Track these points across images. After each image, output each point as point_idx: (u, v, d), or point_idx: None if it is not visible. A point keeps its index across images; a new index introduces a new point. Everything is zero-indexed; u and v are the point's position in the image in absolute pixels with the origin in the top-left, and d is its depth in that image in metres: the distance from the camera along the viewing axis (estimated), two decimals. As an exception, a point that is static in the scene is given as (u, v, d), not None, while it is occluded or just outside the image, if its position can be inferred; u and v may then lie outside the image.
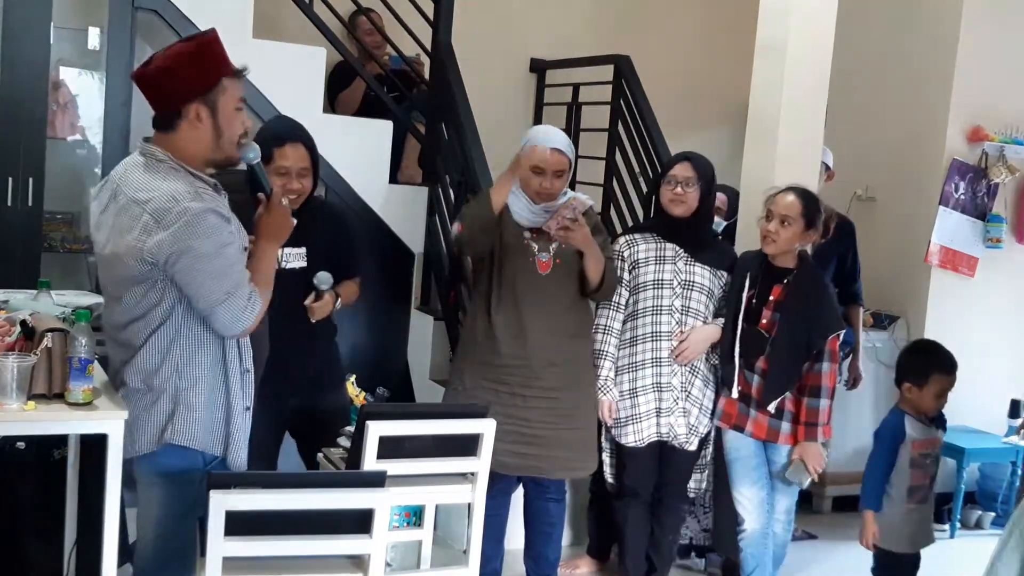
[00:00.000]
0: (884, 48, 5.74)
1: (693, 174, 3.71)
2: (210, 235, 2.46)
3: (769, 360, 3.65)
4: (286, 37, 4.76)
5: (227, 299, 2.49)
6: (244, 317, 2.53)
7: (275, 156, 3.24)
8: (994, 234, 5.53)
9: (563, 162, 3.51)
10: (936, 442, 3.73)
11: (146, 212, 2.45)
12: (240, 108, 2.58)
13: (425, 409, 3.55)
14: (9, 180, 4.03)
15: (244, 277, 2.56)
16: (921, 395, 3.65)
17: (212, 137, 2.54)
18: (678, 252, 3.76)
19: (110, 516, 2.54)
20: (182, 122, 2.51)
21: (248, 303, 2.53)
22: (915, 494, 3.64)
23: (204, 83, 2.51)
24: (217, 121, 2.53)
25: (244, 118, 2.61)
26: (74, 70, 4.33)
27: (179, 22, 4.22)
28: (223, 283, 2.49)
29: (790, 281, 3.69)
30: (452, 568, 3.03)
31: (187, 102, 2.50)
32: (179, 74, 2.50)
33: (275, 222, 2.67)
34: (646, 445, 3.74)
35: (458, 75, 4.88)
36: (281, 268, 3.18)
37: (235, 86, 2.56)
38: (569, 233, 3.44)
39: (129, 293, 2.52)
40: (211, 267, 2.46)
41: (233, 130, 2.57)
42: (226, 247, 2.50)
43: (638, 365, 3.74)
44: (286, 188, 3.21)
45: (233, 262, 2.53)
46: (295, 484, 2.55)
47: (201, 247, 2.44)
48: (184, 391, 2.56)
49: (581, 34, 6.16)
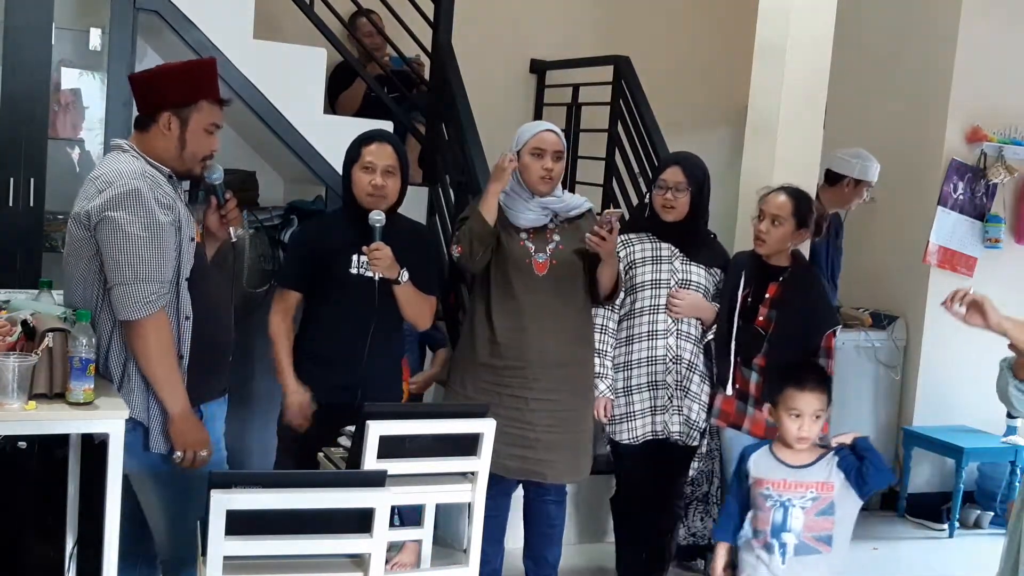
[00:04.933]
0: (883, 48, 5.75)
1: (683, 179, 3.72)
2: (137, 212, 2.63)
3: (768, 358, 3.66)
4: (286, 38, 4.76)
5: (128, 284, 2.62)
6: (135, 309, 2.63)
7: (362, 153, 3.37)
8: (993, 234, 5.55)
9: (559, 143, 3.54)
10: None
11: (94, 184, 2.68)
12: (212, 132, 2.81)
13: (425, 409, 3.56)
14: (11, 180, 4.03)
15: (158, 271, 2.66)
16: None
17: (177, 147, 2.77)
18: (674, 252, 3.78)
19: (111, 516, 2.55)
20: (154, 126, 2.77)
21: (145, 302, 2.63)
22: None
23: (182, 98, 2.75)
24: (184, 134, 2.76)
25: (213, 142, 2.83)
26: (75, 71, 4.33)
27: (180, 23, 4.22)
28: (132, 265, 2.62)
29: (786, 279, 3.71)
30: (452, 568, 3.04)
31: (162, 110, 2.75)
32: (163, 84, 2.78)
33: (184, 430, 2.74)
34: (641, 443, 3.75)
35: (458, 75, 4.89)
36: (356, 274, 3.25)
37: (213, 111, 2.80)
38: (602, 243, 3.44)
39: (74, 268, 2.73)
40: (127, 243, 2.61)
41: (198, 148, 2.80)
42: (151, 232, 2.64)
43: (633, 364, 3.75)
44: (371, 184, 3.32)
45: (152, 250, 2.64)
46: (296, 484, 2.56)
47: (123, 219, 2.61)
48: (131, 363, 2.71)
49: (581, 34, 6.17)
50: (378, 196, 3.33)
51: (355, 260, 3.34)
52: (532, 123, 3.68)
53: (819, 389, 3.08)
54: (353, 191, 3.38)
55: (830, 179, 4.79)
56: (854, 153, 4.78)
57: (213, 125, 2.81)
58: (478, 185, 4.42)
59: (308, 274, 3.34)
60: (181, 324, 2.76)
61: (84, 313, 2.64)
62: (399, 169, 3.38)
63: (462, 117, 4.71)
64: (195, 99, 2.77)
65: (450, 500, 3.06)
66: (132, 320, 2.65)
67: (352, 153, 3.40)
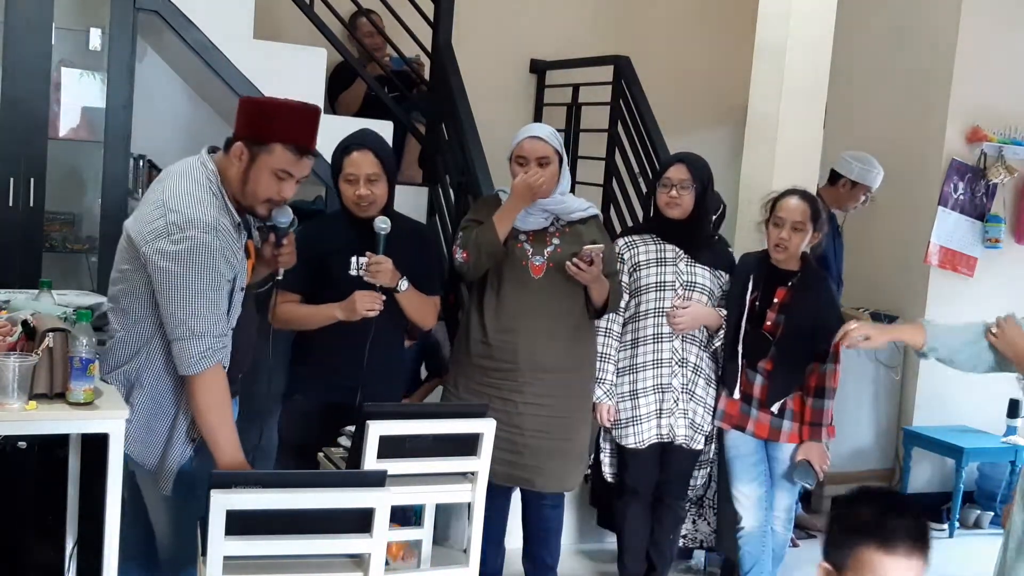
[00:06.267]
0: (883, 49, 5.75)
1: (687, 176, 3.70)
2: (204, 268, 2.60)
3: (774, 362, 3.65)
4: (287, 38, 4.77)
5: (186, 340, 2.61)
6: (192, 364, 2.63)
7: (344, 165, 3.31)
8: (993, 234, 5.55)
9: (544, 149, 3.46)
10: None
11: (166, 217, 2.60)
12: (283, 178, 2.71)
13: (425, 409, 3.55)
14: (11, 180, 4.04)
15: (215, 325, 2.65)
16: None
17: (239, 180, 2.70)
18: (678, 253, 3.76)
19: (111, 516, 2.55)
20: (231, 151, 2.71)
21: (201, 356, 2.63)
22: None
23: (258, 135, 2.69)
24: (248, 170, 2.69)
25: (284, 188, 2.73)
26: (75, 71, 4.33)
27: (180, 23, 4.23)
28: (191, 320, 2.60)
29: (794, 283, 3.69)
30: (452, 568, 3.04)
31: (239, 138, 2.70)
32: (246, 112, 2.73)
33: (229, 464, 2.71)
34: (647, 446, 3.75)
35: (458, 76, 4.89)
36: (355, 275, 3.28)
37: (285, 157, 2.69)
38: (581, 273, 3.42)
39: (120, 272, 2.71)
40: (187, 298, 2.59)
41: (259, 188, 2.71)
42: (213, 289, 2.62)
43: (639, 367, 3.74)
44: (356, 195, 3.28)
45: (212, 305, 2.63)
46: (296, 484, 2.56)
47: (188, 274, 2.58)
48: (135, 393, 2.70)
49: (581, 34, 6.16)
50: (365, 205, 3.31)
51: (354, 262, 3.33)
52: (524, 128, 3.59)
53: (918, 551, 1.84)
54: (341, 199, 3.36)
55: (831, 178, 4.82)
56: (858, 156, 4.79)
57: (284, 172, 2.70)
58: (478, 185, 4.43)
59: (308, 276, 3.33)
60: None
61: (84, 313, 2.64)
62: (383, 173, 3.33)
63: (462, 117, 4.71)
64: (270, 139, 2.67)
65: (450, 500, 3.06)
66: (189, 375, 2.65)
67: (335, 163, 3.36)
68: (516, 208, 3.46)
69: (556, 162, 3.49)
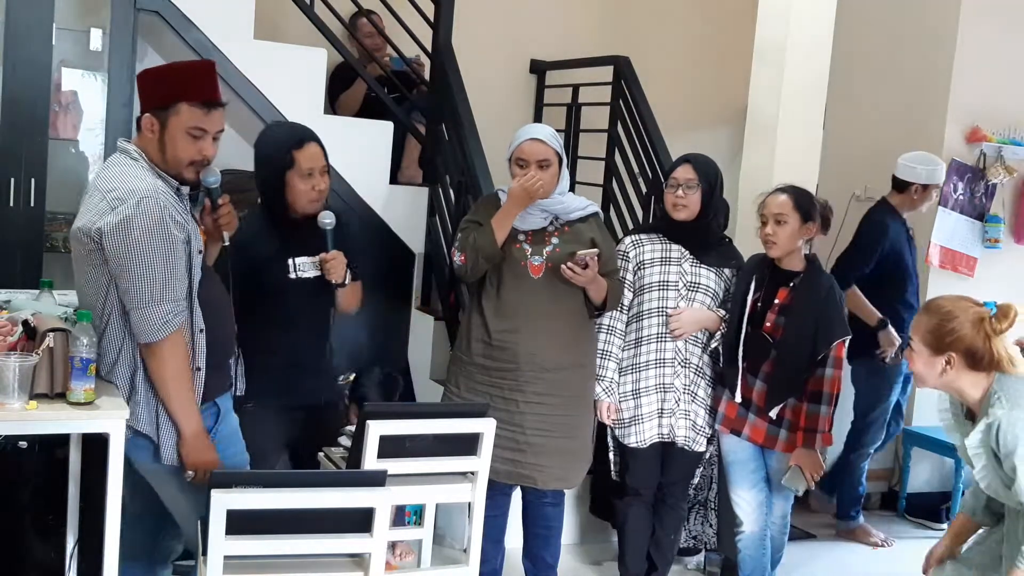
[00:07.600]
0: (883, 49, 5.75)
1: (694, 176, 3.69)
2: (153, 233, 2.60)
3: (774, 365, 3.63)
4: (287, 38, 4.77)
5: (146, 307, 2.62)
6: (155, 331, 2.64)
7: (297, 159, 3.21)
8: (992, 234, 5.55)
9: (545, 151, 3.46)
10: None
11: (105, 199, 2.63)
12: (198, 136, 2.71)
13: (425, 408, 3.56)
14: (11, 180, 4.04)
15: (174, 290, 2.66)
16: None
17: (158, 151, 2.72)
18: (684, 253, 3.75)
19: (111, 516, 2.55)
20: (142, 127, 2.74)
21: (163, 323, 2.64)
22: None
23: (161, 100, 2.70)
24: (163, 137, 2.71)
25: (202, 147, 2.74)
26: (76, 71, 4.34)
27: (180, 23, 4.24)
28: (150, 287, 2.61)
29: (797, 284, 3.65)
30: (452, 567, 3.04)
31: (144, 111, 2.73)
32: (143, 85, 2.76)
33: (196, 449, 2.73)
34: (648, 446, 3.75)
35: (458, 76, 4.89)
36: (295, 278, 3.22)
37: (193, 114, 2.70)
38: (576, 276, 3.43)
39: (83, 276, 2.71)
40: (143, 265, 2.60)
41: (178, 151, 2.72)
42: (166, 252, 2.63)
43: (642, 366, 3.73)
44: (316, 189, 3.24)
45: (168, 270, 2.64)
46: (296, 483, 2.56)
47: (139, 241, 2.59)
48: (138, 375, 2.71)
49: (581, 34, 6.16)
50: (318, 199, 3.27)
51: (291, 264, 3.25)
52: (523, 129, 3.59)
53: None
54: (287, 196, 3.23)
55: (898, 186, 4.86)
56: (918, 159, 4.84)
57: (197, 129, 2.70)
58: (478, 185, 4.43)
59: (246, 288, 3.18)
60: (195, 337, 2.75)
61: (85, 313, 2.64)
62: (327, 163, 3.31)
63: (462, 117, 4.71)
64: (171, 101, 2.68)
65: (450, 500, 3.06)
66: (151, 342, 2.65)
67: (282, 158, 3.20)
68: (514, 212, 3.47)
69: (556, 163, 3.50)
